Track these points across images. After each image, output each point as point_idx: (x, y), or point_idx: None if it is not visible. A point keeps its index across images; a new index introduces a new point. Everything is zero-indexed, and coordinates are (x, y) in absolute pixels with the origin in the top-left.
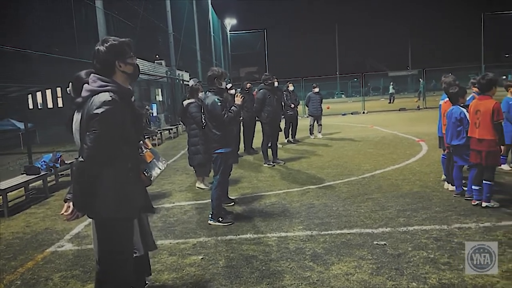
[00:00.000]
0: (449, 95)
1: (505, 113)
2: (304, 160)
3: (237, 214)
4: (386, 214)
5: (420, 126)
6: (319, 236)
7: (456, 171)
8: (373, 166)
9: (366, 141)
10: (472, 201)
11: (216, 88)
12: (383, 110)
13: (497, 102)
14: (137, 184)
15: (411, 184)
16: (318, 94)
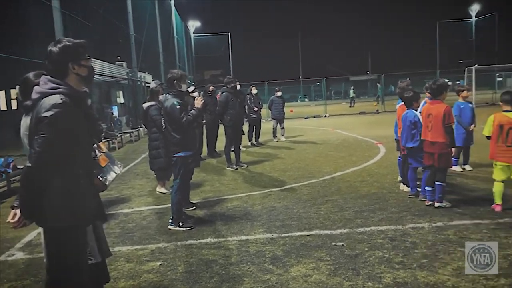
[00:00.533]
0: (403, 100)
1: (456, 116)
2: (267, 163)
3: (198, 218)
4: (345, 215)
5: (379, 129)
6: (279, 238)
7: (411, 173)
8: (333, 168)
9: (327, 144)
10: (425, 201)
11: (176, 91)
12: (344, 113)
13: (447, 106)
14: (89, 190)
15: (369, 185)
16: (281, 98)
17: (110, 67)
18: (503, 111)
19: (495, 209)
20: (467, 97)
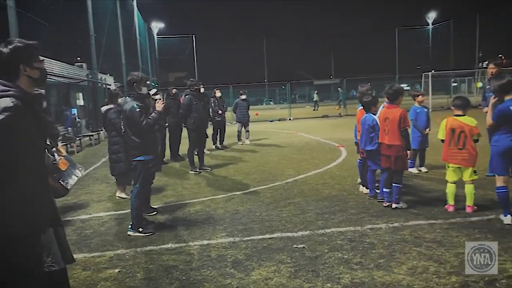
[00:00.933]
0: (362, 104)
1: (412, 120)
2: (231, 166)
3: (159, 223)
4: (306, 217)
5: (341, 132)
6: (241, 242)
7: (370, 175)
8: (296, 171)
9: (291, 147)
10: (383, 203)
11: (136, 94)
12: (308, 117)
13: (403, 111)
14: (43, 196)
15: (330, 188)
16: (245, 101)
17: (69, 68)
18: (454, 115)
19: (448, 209)
20: (422, 102)
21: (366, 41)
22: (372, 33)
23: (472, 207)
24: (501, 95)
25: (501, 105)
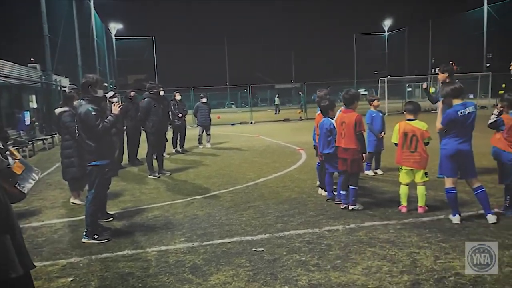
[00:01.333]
0: (320, 108)
1: (368, 124)
2: (191, 170)
3: (116, 230)
4: (266, 220)
5: (301, 135)
6: (200, 247)
7: (328, 178)
8: (257, 174)
9: (252, 150)
10: (340, 204)
11: (91, 96)
12: (270, 120)
13: (359, 115)
14: None
15: (290, 190)
16: (206, 104)
17: (21, 69)
18: (407, 119)
19: (401, 210)
20: (378, 106)
21: (326, 46)
22: (332, 38)
23: (423, 208)
24: (450, 100)
25: (449, 109)
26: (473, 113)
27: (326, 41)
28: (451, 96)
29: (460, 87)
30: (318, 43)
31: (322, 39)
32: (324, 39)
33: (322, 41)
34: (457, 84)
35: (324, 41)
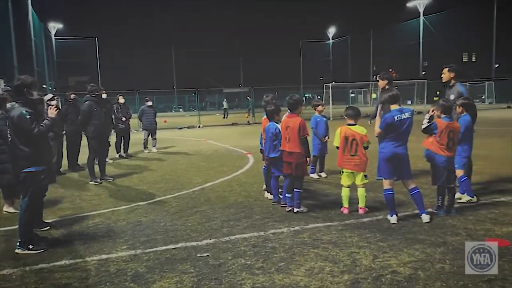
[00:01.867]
0: (266, 112)
1: (313, 129)
2: (135, 176)
3: (53, 239)
4: (212, 225)
5: (249, 140)
6: (143, 254)
7: (273, 181)
8: (204, 179)
9: (199, 155)
10: (286, 207)
11: (25, 99)
12: (218, 124)
13: (302, 120)
14: None
15: (237, 194)
16: (152, 108)
17: None
18: (347, 124)
19: (343, 212)
20: (322, 111)
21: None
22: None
23: (364, 209)
24: (388, 106)
25: (387, 114)
26: (409, 119)
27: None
28: (389, 102)
29: (397, 93)
30: (266, 49)
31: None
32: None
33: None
34: (394, 91)
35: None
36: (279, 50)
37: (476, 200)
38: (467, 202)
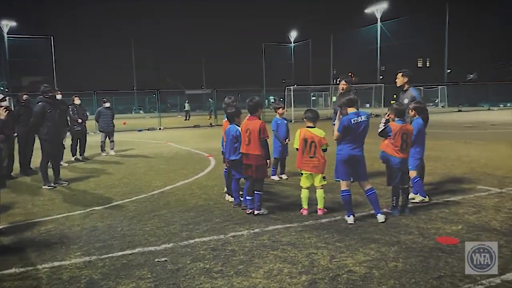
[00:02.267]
0: (227, 115)
1: (274, 131)
2: (92, 179)
3: (3, 246)
4: (171, 229)
5: (211, 142)
6: (98, 260)
7: (234, 184)
8: (163, 182)
9: (159, 157)
10: (246, 210)
11: None
12: (179, 126)
13: (263, 122)
14: None
15: (197, 198)
16: (109, 109)
17: None
18: (307, 126)
19: (303, 213)
20: (283, 114)
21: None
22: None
23: (322, 210)
24: (346, 109)
25: (344, 117)
26: (365, 122)
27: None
28: (346, 105)
29: (354, 97)
30: (229, 51)
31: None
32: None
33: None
34: (351, 95)
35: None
36: (242, 52)
37: (428, 200)
38: (420, 202)
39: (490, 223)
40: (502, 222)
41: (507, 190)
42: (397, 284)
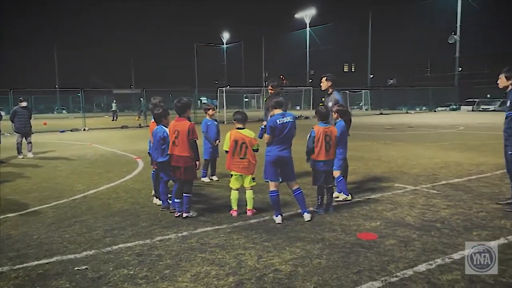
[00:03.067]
0: (153, 116)
1: (204, 132)
2: (7, 184)
3: None
4: (93, 236)
5: (139, 143)
6: (11, 271)
7: (162, 186)
8: (86, 186)
9: (83, 160)
10: (175, 213)
11: None
12: (106, 127)
13: (192, 123)
14: None
15: (123, 201)
16: (26, 109)
17: None
18: (236, 128)
19: (232, 214)
20: (213, 115)
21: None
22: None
23: (251, 211)
24: (273, 110)
25: (270, 118)
26: (290, 123)
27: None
28: (273, 107)
29: (281, 100)
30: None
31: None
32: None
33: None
34: (279, 98)
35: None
36: (174, 52)
37: (351, 198)
38: (343, 200)
39: (405, 219)
40: (415, 217)
41: (420, 188)
42: (320, 280)
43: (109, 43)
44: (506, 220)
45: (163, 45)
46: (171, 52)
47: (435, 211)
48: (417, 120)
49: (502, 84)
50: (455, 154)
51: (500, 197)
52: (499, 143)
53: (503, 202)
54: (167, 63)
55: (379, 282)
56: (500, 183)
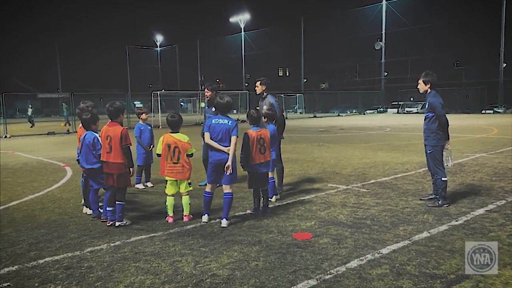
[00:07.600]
0: (81, 121)
1: (137, 137)
2: None
3: None
4: (16, 250)
5: (68, 150)
6: None
7: (92, 195)
8: (8, 197)
9: (3, 170)
10: (107, 222)
11: None
12: (30, 134)
13: (124, 128)
14: None
15: (50, 212)
16: None
17: None
18: (170, 132)
19: (168, 221)
20: (146, 120)
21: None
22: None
23: (188, 216)
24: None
25: (208, 119)
26: (225, 125)
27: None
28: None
29: (218, 102)
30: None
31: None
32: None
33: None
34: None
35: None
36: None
37: (278, 197)
38: (275, 200)
39: (338, 217)
40: (347, 215)
41: (352, 187)
42: (258, 282)
43: (31, 40)
44: (428, 214)
45: (93, 46)
46: (102, 54)
47: (366, 209)
48: (348, 122)
49: (421, 89)
50: (382, 154)
51: (423, 193)
52: (421, 143)
53: (425, 198)
54: (98, 66)
55: (314, 280)
56: (423, 180)
